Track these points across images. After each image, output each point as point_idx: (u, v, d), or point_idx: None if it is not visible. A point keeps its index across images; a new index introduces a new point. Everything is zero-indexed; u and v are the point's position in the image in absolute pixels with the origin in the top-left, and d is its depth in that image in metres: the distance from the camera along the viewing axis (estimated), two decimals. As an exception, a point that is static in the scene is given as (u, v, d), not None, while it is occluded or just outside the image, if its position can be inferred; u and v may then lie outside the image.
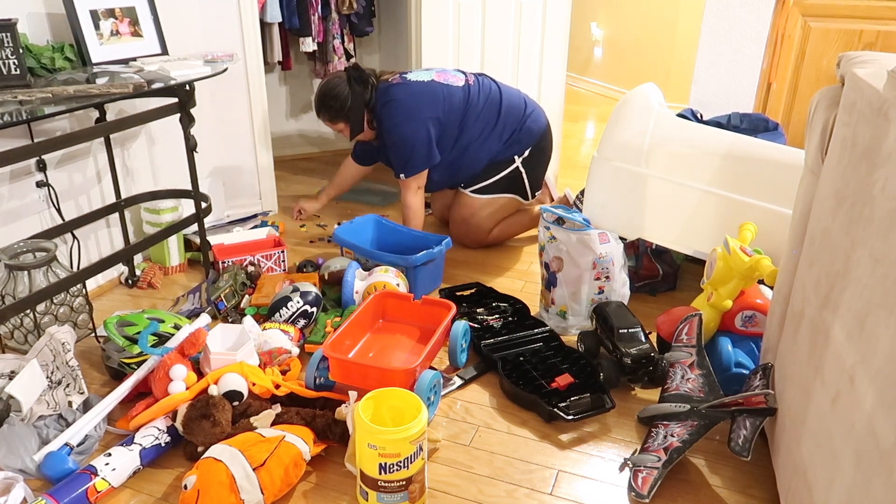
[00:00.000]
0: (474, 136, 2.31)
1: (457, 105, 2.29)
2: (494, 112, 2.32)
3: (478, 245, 2.45)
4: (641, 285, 2.09)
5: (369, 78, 2.32)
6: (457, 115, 2.29)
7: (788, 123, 2.69)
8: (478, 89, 2.34)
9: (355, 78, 2.31)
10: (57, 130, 1.92)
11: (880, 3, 2.44)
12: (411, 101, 2.25)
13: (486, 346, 1.76)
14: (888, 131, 0.89)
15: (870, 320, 0.87)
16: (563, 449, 1.45)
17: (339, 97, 2.31)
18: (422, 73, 2.35)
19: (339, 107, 2.33)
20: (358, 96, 2.31)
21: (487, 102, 2.32)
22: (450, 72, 2.38)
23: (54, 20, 1.91)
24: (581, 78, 5.54)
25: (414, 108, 2.25)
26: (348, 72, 2.33)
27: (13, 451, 1.33)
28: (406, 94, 2.26)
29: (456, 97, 2.29)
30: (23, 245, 1.73)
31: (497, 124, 2.32)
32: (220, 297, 1.92)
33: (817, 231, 1.14)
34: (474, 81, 2.36)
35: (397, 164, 2.33)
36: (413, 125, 2.25)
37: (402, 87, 2.28)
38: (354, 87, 2.30)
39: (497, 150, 2.33)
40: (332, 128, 2.44)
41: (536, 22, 2.89)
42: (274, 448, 1.28)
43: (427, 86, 2.29)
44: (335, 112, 2.35)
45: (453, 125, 2.29)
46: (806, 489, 1.03)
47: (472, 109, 2.30)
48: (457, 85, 2.32)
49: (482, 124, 2.31)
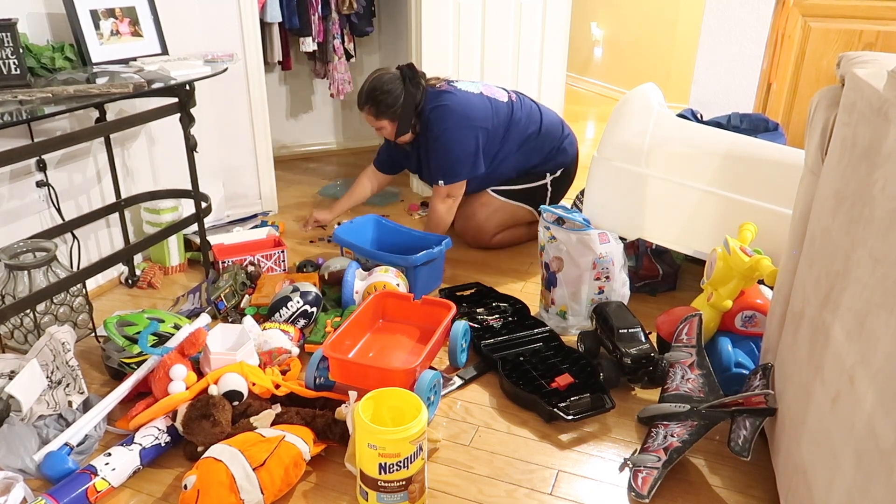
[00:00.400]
0: (512, 151, 2.34)
1: (502, 120, 2.31)
2: (535, 130, 2.35)
3: (479, 245, 2.45)
4: (641, 285, 2.09)
5: (421, 80, 2.29)
6: (501, 130, 2.31)
7: (788, 123, 2.69)
8: (520, 106, 2.37)
9: (409, 78, 2.25)
10: (57, 130, 1.92)
11: (880, 3, 2.44)
12: (464, 110, 2.25)
13: (486, 346, 1.76)
14: (888, 131, 0.89)
15: (870, 320, 0.87)
16: (563, 449, 1.45)
17: (392, 93, 2.23)
18: (470, 84, 2.36)
19: (390, 104, 2.24)
20: (410, 97, 2.24)
21: (529, 120, 2.35)
22: (493, 87, 2.40)
23: (54, 20, 1.91)
24: (581, 78, 5.54)
25: (466, 116, 2.24)
26: (402, 70, 2.27)
27: (13, 451, 1.33)
28: (458, 103, 2.25)
29: (502, 112, 2.31)
30: (23, 245, 1.73)
31: (538, 140, 2.35)
32: (220, 297, 1.92)
33: (817, 231, 1.14)
34: (516, 99, 2.39)
35: (438, 170, 2.30)
36: (463, 132, 2.24)
37: (453, 95, 2.27)
38: (409, 88, 2.24)
39: (535, 162, 2.37)
40: (372, 124, 2.32)
41: (536, 22, 2.89)
42: (274, 448, 1.28)
43: (476, 98, 2.30)
44: (384, 109, 2.25)
45: (497, 139, 2.31)
46: (806, 489, 1.03)
47: (515, 125, 2.32)
48: (502, 100, 2.34)
49: (522, 140, 2.34)
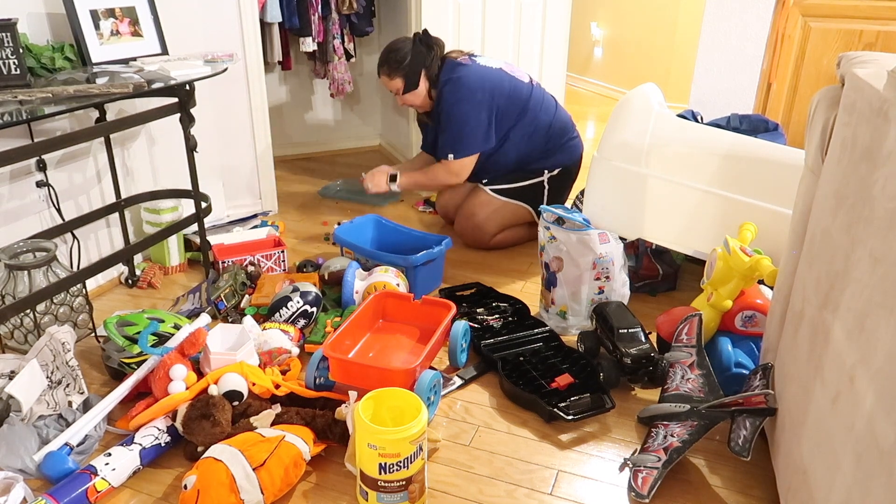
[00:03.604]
0: (521, 135, 2.34)
1: (520, 98, 2.32)
2: (548, 119, 2.36)
3: (478, 245, 2.45)
4: (641, 285, 2.09)
5: (435, 44, 2.35)
6: (516, 108, 2.32)
7: (788, 123, 2.69)
8: (540, 92, 2.38)
9: (421, 39, 2.35)
10: (57, 130, 1.92)
11: (880, 3, 2.44)
12: (476, 83, 2.27)
13: (486, 346, 1.76)
14: (888, 131, 0.89)
15: (870, 320, 0.87)
16: (563, 449, 1.45)
17: (401, 51, 2.33)
18: (491, 60, 2.38)
19: (399, 60, 2.32)
20: (419, 55, 2.33)
21: (544, 107, 2.36)
22: (515, 66, 2.42)
23: (54, 20, 1.91)
24: (581, 78, 5.54)
25: (477, 89, 2.27)
26: (416, 34, 2.37)
27: (13, 451, 1.33)
28: (471, 74, 2.29)
29: (521, 91, 2.33)
30: (23, 245, 1.73)
31: (547, 131, 2.36)
32: (220, 297, 1.92)
33: (817, 231, 1.14)
34: (536, 84, 2.40)
35: (448, 142, 2.32)
36: (474, 105, 2.26)
37: (468, 68, 2.31)
38: (417, 46, 2.33)
39: (535, 154, 2.37)
40: (389, 87, 2.41)
41: (536, 22, 2.89)
42: (274, 448, 1.28)
43: (495, 72, 2.32)
44: (394, 65, 2.34)
45: (510, 117, 2.32)
46: (806, 489, 1.03)
47: (532, 108, 2.33)
48: (523, 80, 2.36)
49: (534, 127, 2.34)
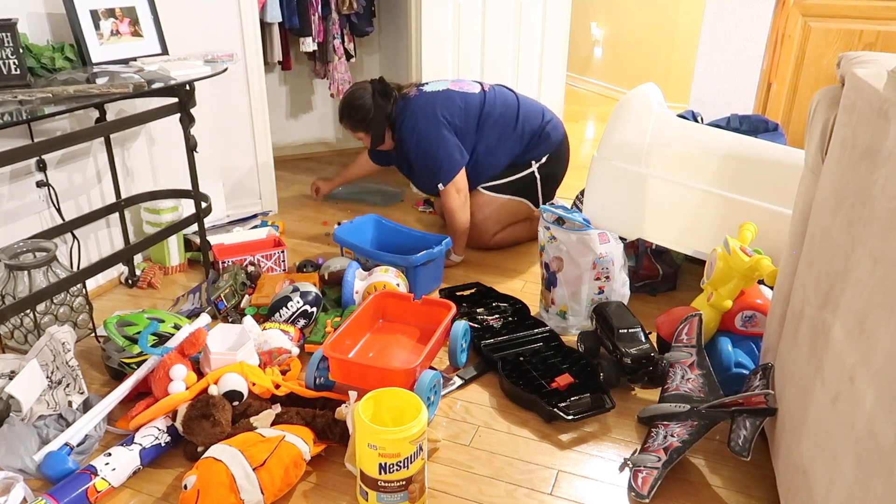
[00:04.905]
0: (493, 141, 2.34)
1: (473, 110, 2.33)
2: (512, 117, 2.35)
3: (478, 245, 2.45)
4: (641, 285, 2.09)
5: (392, 92, 2.38)
6: (472, 121, 2.33)
7: (788, 123, 2.69)
8: (493, 96, 2.38)
9: (379, 91, 2.37)
10: (57, 130, 1.92)
11: (880, 3, 2.44)
12: (426, 111, 2.30)
13: (486, 346, 1.76)
14: (888, 131, 0.89)
15: (870, 320, 0.87)
16: (563, 449, 1.45)
17: (363, 108, 2.37)
18: (437, 83, 2.41)
19: (361, 118, 2.38)
20: (380, 109, 2.36)
21: (505, 108, 2.36)
22: (465, 81, 2.44)
23: (54, 20, 1.91)
24: (581, 78, 5.54)
25: (431, 115, 2.29)
26: (373, 84, 2.39)
27: (13, 451, 1.33)
28: (421, 106, 2.32)
29: (472, 103, 2.34)
30: (23, 245, 1.73)
31: (516, 128, 2.35)
32: (220, 297, 1.92)
33: (817, 231, 1.14)
34: (489, 89, 2.40)
35: (431, 177, 2.33)
36: (433, 130, 2.28)
37: (416, 100, 2.34)
38: (378, 101, 2.36)
39: (518, 151, 2.37)
40: (353, 135, 2.49)
41: (536, 22, 2.89)
42: (274, 448, 1.28)
43: (442, 93, 2.34)
44: (357, 122, 2.41)
45: (470, 130, 2.33)
46: (806, 489, 1.03)
47: (490, 115, 2.33)
48: (472, 92, 2.37)
49: (500, 129, 2.34)
